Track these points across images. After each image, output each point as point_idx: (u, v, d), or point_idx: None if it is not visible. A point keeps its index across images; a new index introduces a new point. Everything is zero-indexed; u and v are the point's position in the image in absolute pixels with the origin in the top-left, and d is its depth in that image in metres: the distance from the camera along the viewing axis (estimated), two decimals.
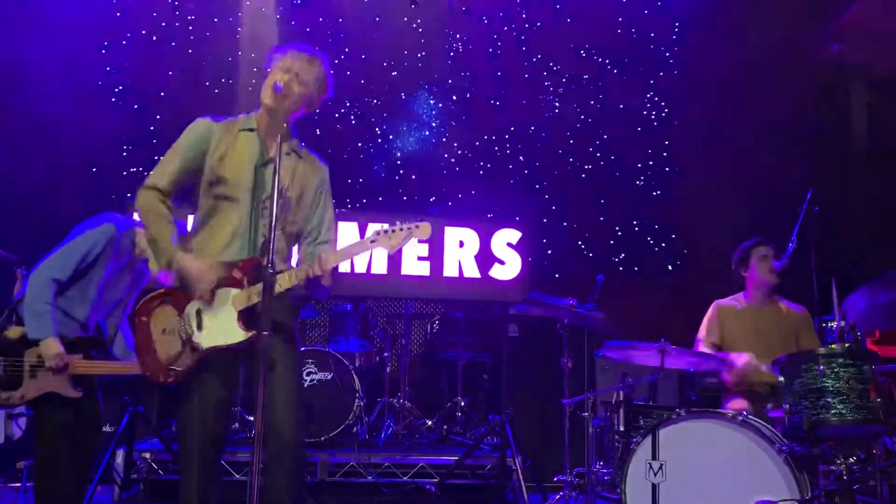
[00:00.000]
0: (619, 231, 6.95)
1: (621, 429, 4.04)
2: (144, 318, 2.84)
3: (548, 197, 6.96)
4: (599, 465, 4.21)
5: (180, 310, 2.80)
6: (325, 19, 7.14)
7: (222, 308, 2.76)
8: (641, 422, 4.04)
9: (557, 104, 7.17)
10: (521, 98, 7.13)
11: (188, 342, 2.77)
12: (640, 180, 7.10)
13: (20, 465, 4.72)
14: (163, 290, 2.83)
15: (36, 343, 3.30)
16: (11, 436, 4.91)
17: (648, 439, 3.69)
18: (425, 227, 2.78)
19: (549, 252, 6.71)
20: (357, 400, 5.31)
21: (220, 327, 2.75)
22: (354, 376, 5.37)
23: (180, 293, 2.81)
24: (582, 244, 6.87)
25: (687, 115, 7.13)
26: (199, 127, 2.94)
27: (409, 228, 2.75)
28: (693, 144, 7.00)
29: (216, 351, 2.77)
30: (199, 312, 2.77)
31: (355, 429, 5.39)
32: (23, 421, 4.94)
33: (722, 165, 6.75)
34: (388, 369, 5.89)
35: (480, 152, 7.06)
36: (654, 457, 3.68)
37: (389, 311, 6.43)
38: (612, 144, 7.09)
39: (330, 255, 2.78)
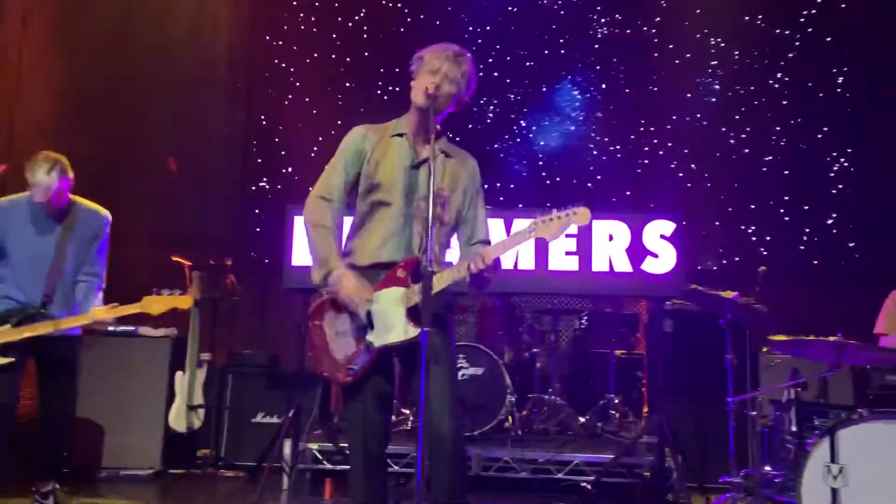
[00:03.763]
0: (783, 220, 6.56)
1: (793, 429, 3.83)
2: (318, 322, 2.96)
3: (704, 186, 6.69)
4: (768, 466, 3.99)
5: (350, 312, 2.89)
6: (455, 10, 7.20)
7: (391, 307, 2.83)
8: (816, 422, 3.81)
9: (717, 87, 6.87)
10: (672, 84, 6.89)
11: (362, 342, 2.86)
12: (805, 165, 6.68)
13: (201, 452, 5.11)
14: (332, 295, 2.92)
15: None
16: (191, 426, 5.28)
17: (826, 441, 3.47)
18: (584, 213, 2.75)
19: (707, 244, 6.45)
20: (508, 395, 5.32)
21: (391, 326, 2.82)
22: (504, 372, 5.38)
23: None
24: (742, 235, 6.56)
25: (854, 98, 6.64)
26: (356, 135, 3.04)
27: (566, 215, 2.73)
28: (864, 128, 6.52)
29: (388, 349, 2.85)
30: (369, 313, 2.86)
31: (507, 424, 5.40)
32: (202, 412, 5.31)
33: None
34: (537, 365, 5.86)
35: (628, 142, 6.89)
36: (832, 460, 3.45)
37: (537, 307, 6.39)
38: (773, 130, 6.71)
39: (490, 249, 2.82)
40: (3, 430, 3.82)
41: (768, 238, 6.66)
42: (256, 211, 7.01)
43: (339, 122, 7.02)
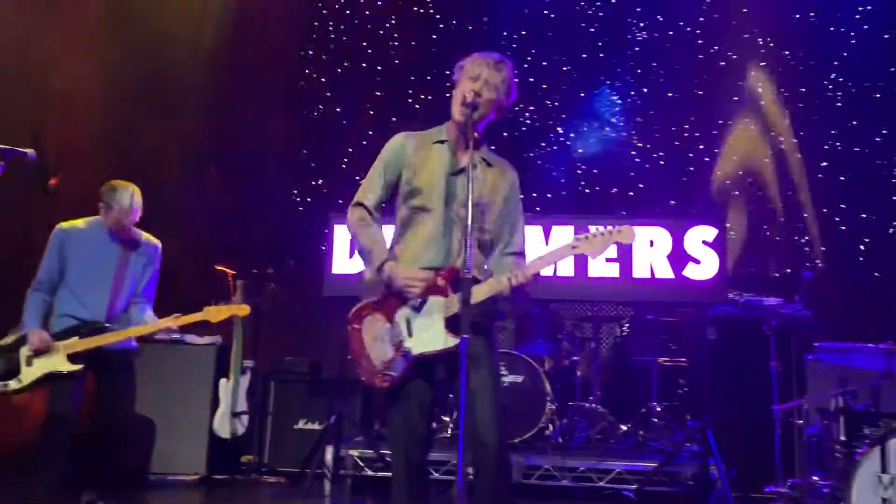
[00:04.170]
0: (839, 229, 6.36)
1: (842, 438, 3.75)
2: (357, 326, 2.98)
3: (753, 193, 6.53)
4: (816, 476, 3.91)
5: (390, 318, 2.91)
6: (489, 16, 7.17)
7: (430, 316, 2.85)
8: (866, 431, 3.72)
9: (766, 89, 6.71)
10: (718, 87, 6.77)
11: (399, 349, 2.88)
12: (863, 171, 6.44)
13: (245, 458, 5.18)
14: (373, 299, 2.96)
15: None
16: (235, 432, 5.35)
17: (876, 450, 3.38)
18: (627, 232, 2.74)
19: (750, 249, 6.31)
20: (549, 403, 5.30)
21: (429, 334, 2.84)
22: (544, 379, 5.36)
23: (389, 301, 2.92)
24: (785, 238, 6.40)
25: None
26: (395, 143, 3.08)
27: (610, 232, 2.72)
28: None
29: (425, 357, 2.86)
30: (408, 320, 2.88)
31: (547, 432, 5.37)
32: (246, 418, 5.39)
33: None
34: (578, 373, 5.82)
35: (672, 149, 6.77)
36: (883, 470, 3.36)
37: (577, 314, 6.35)
38: (827, 134, 6.51)
39: (531, 263, 2.82)
40: (64, 438, 3.95)
41: (823, 248, 6.44)
42: (290, 221, 7.07)
43: (371, 132, 7.09)
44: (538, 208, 6.78)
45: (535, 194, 6.87)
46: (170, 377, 5.53)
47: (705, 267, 5.47)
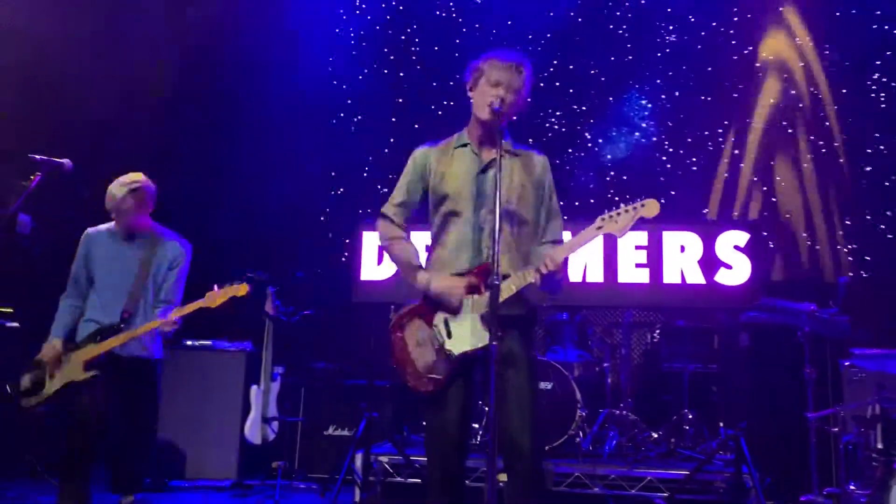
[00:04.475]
0: (885, 237, 6.21)
1: (879, 446, 3.67)
2: (399, 334, 3.02)
3: (792, 199, 6.40)
4: (853, 485, 3.83)
5: (429, 321, 2.95)
6: (514, 20, 7.12)
7: (466, 314, 2.88)
8: None
9: (805, 90, 6.55)
10: (753, 88, 6.65)
11: (441, 351, 2.90)
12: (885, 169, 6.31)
13: (275, 464, 5.22)
14: (412, 306, 3.01)
15: None
16: (266, 438, 5.40)
17: None
18: (652, 205, 2.74)
19: (784, 254, 6.18)
20: (578, 410, 5.26)
21: (468, 333, 2.87)
22: (574, 386, 5.32)
23: (427, 306, 2.97)
24: (820, 244, 6.26)
25: None
26: (417, 156, 3.14)
27: (634, 208, 2.72)
28: None
29: (466, 356, 2.87)
30: (446, 321, 2.91)
31: (578, 439, 5.33)
32: (276, 425, 5.44)
33: None
34: (608, 380, 5.77)
35: (705, 153, 6.66)
36: None
37: (607, 321, 6.30)
38: (871, 136, 6.33)
39: (558, 250, 2.85)
40: (89, 445, 3.93)
41: (868, 258, 6.25)
42: (314, 229, 7.10)
43: (392, 140, 7.09)
44: (566, 217, 6.71)
45: (562, 202, 6.79)
46: (201, 384, 5.62)
47: (737, 272, 5.40)
